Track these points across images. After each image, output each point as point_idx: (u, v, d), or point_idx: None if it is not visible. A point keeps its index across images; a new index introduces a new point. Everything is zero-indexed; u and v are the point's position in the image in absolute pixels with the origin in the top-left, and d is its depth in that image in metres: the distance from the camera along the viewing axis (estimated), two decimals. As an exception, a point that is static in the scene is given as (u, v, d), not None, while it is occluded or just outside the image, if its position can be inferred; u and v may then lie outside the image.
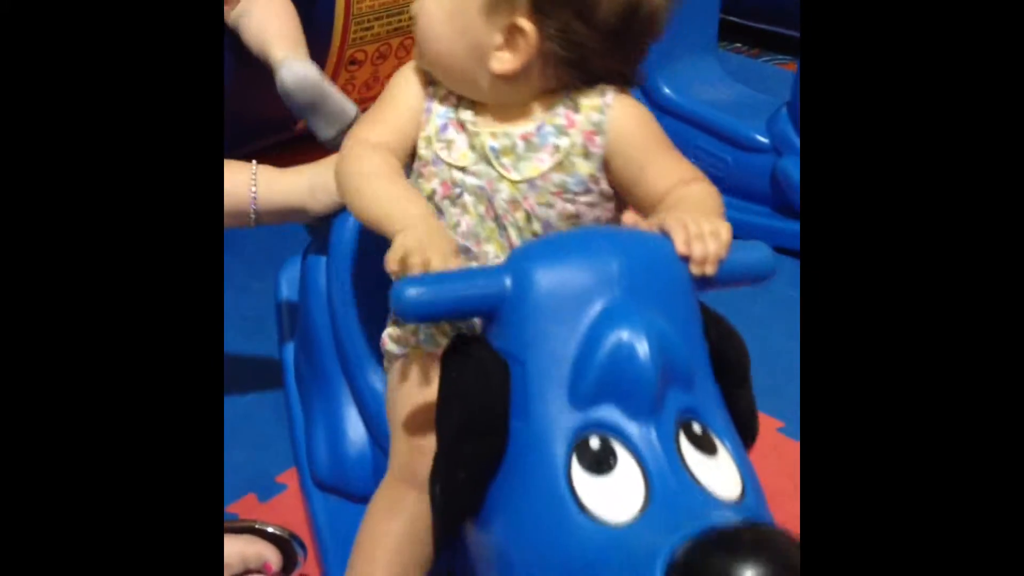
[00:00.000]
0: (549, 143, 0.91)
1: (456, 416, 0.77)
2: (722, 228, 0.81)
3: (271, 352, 1.36)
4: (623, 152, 0.91)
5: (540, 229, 0.91)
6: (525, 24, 0.87)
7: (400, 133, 0.94)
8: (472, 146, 0.92)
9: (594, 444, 0.74)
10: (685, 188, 0.89)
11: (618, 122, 0.91)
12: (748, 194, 1.83)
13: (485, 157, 0.91)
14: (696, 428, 0.76)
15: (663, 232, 0.81)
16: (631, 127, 0.92)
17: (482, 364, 0.77)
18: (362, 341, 1.09)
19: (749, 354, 0.82)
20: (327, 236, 1.14)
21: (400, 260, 0.80)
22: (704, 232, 0.80)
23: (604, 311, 0.75)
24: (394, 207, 0.87)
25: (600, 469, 0.73)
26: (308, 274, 1.16)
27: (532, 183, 0.90)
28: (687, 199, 0.88)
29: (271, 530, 1.05)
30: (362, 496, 1.12)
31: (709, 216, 0.82)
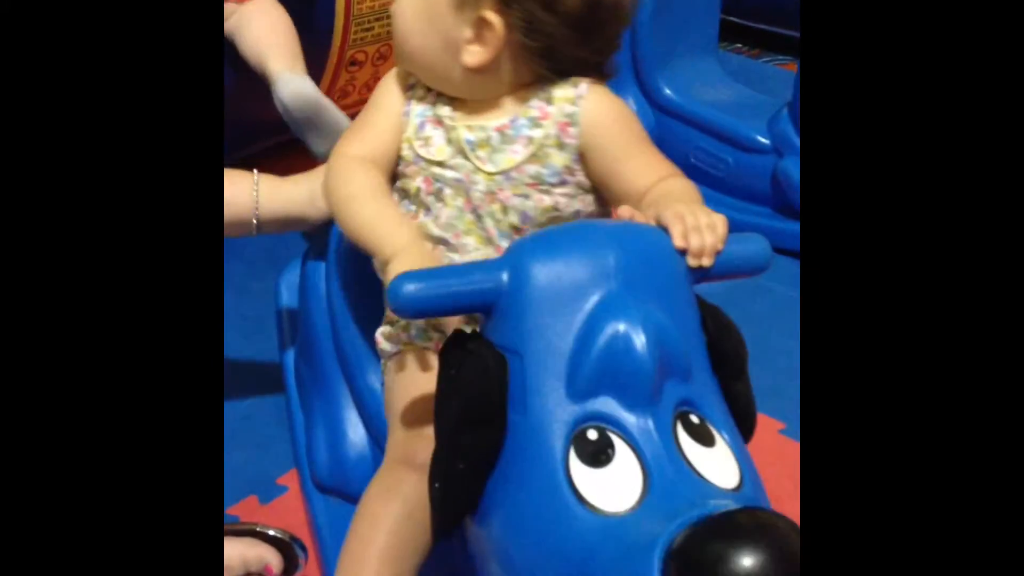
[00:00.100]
0: (523, 135, 0.92)
1: (455, 409, 0.77)
2: (718, 220, 0.82)
3: (271, 354, 1.36)
4: (598, 143, 0.92)
5: (517, 221, 0.92)
6: (492, 16, 0.89)
7: (382, 142, 0.96)
8: (449, 140, 0.94)
9: (592, 436, 0.74)
10: (665, 183, 0.90)
11: (591, 113, 0.92)
12: (749, 195, 1.83)
13: (461, 150, 0.93)
14: (694, 419, 0.76)
15: (659, 224, 0.81)
16: (605, 118, 0.92)
17: (480, 358, 0.77)
18: (362, 343, 1.09)
19: (746, 346, 0.82)
20: (326, 240, 1.14)
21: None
22: (701, 224, 0.80)
23: (601, 303, 0.75)
24: (378, 230, 0.90)
25: (598, 461, 0.73)
26: (308, 277, 1.17)
27: (507, 175, 0.91)
28: (671, 193, 0.88)
29: (272, 532, 1.05)
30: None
31: (706, 208, 0.83)
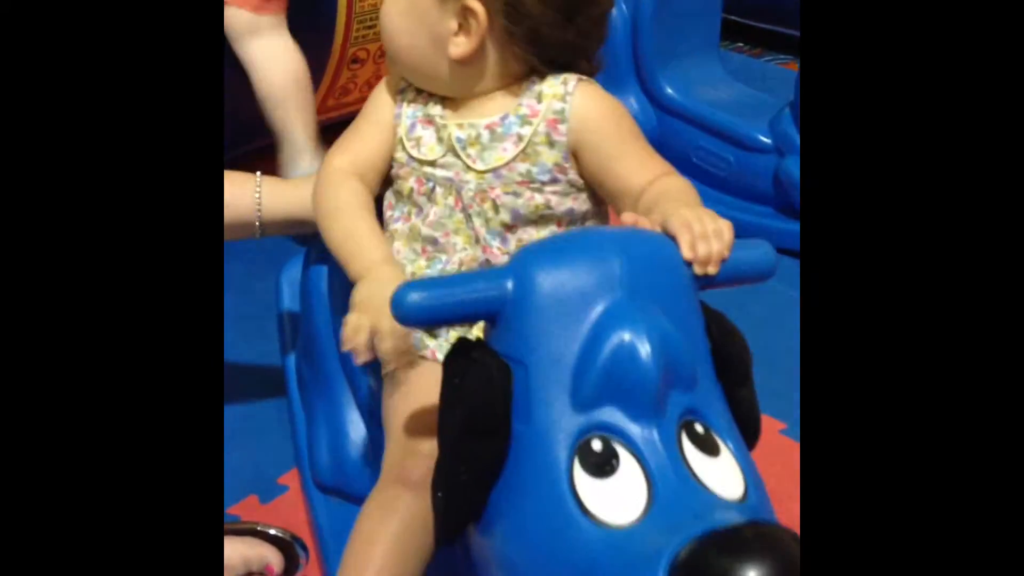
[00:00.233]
0: (513, 132, 0.92)
1: (458, 419, 0.77)
2: (724, 227, 0.81)
3: (272, 354, 1.36)
4: (588, 140, 0.91)
5: (508, 219, 0.92)
6: (474, 4, 0.89)
7: (369, 152, 0.97)
8: (440, 139, 0.94)
9: (596, 446, 0.73)
10: (661, 182, 0.90)
11: (581, 109, 0.92)
12: (751, 195, 1.83)
13: (452, 148, 0.93)
14: (698, 428, 0.75)
15: (665, 231, 0.81)
16: (594, 114, 0.92)
17: (484, 367, 0.76)
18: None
19: (751, 352, 0.82)
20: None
21: (349, 339, 0.87)
22: (708, 231, 0.80)
23: (605, 312, 0.75)
24: (351, 248, 0.92)
25: (602, 471, 0.73)
26: (309, 276, 1.16)
27: (497, 173, 0.91)
28: (668, 192, 0.88)
29: (273, 532, 1.05)
30: (363, 498, 1.12)
31: (712, 214, 0.82)
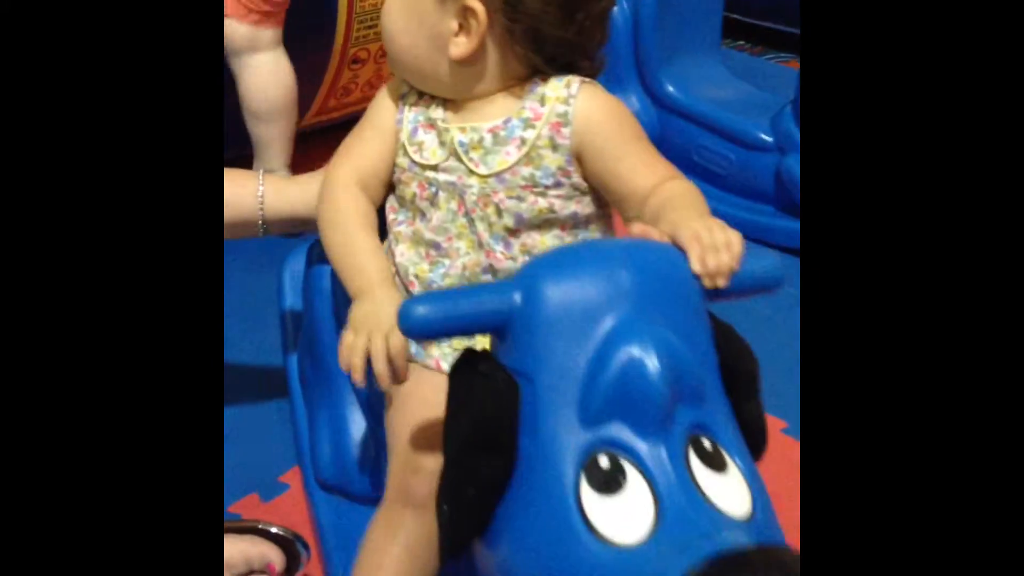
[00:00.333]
0: (516, 136, 0.91)
1: (464, 433, 0.76)
2: (734, 238, 0.80)
3: (273, 351, 1.35)
4: (592, 143, 0.91)
5: (512, 223, 0.91)
6: (474, 3, 0.88)
7: (372, 159, 0.96)
8: (442, 143, 0.93)
9: (603, 463, 0.72)
10: (667, 187, 0.89)
11: (584, 112, 0.91)
12: (752, 193, 1.82)
13: (455, 152, 0.92)
14: (706, 443, 0.75)
15: (674, 242, 0.80)
16: (598, 117, 0.91)
17: (490, 381, 0.76)
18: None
19: (759, 363, 0.81)
20: None
21: (345, 360, 0.89)
22: (718, 243, 0.79)
23: (614, 327, 0.74)
24: (352, 266, 0.93)
25: (609, 489, 0.72)
26: (312, 273, 1.16)
27: (500, 177, 0.91)
28: (674, 199, 0.87)
29: (274, 530, 1.05)
30: (365, 497, 1.12)
31: (721, 224, 0.81)
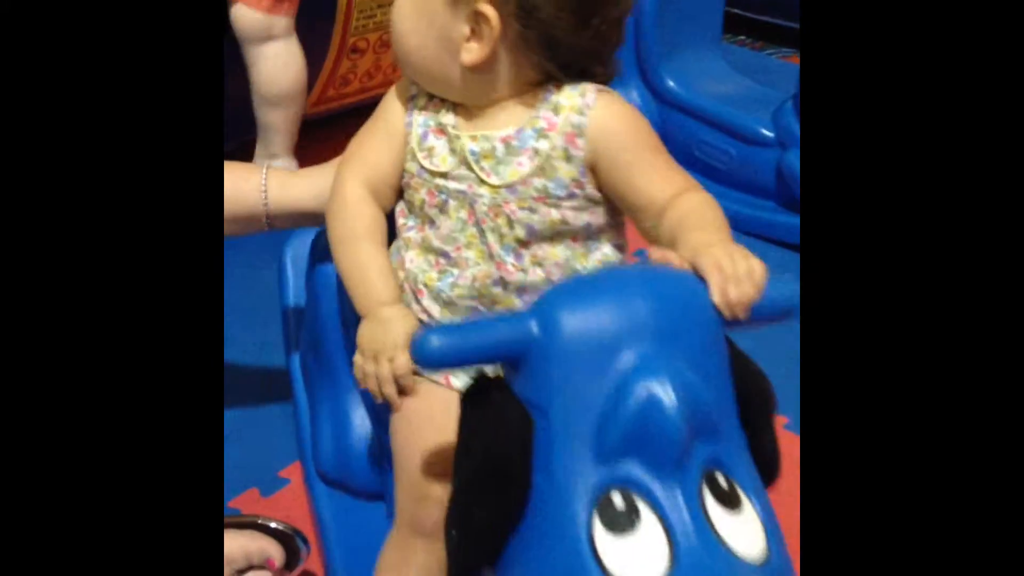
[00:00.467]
0: (529, 146, 0.88)
1: (476, 465, 0.75)
2: (757, 267, 0.78)
3: (273, 346, 1.34)
4: (607, 155, 0.88)
5: (523, 235, 0.89)
6: (486, 8, 0.85)
7: (381, 165, 0.95)
8: (453, 150, 0.91)
9: (617, 502, 0.71)
10: (685, 199, 0.87)
11: (600, 123, 0.88)
12: (753, 188, 1.82)
13: (465, 161, 0.90)
14: (721, 480, 0.74)
15: (695, 268, 0.78)
16: (615, 128, 0.89)
17: (504, 413, 0.74)
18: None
19: (775, 392, 0.80)
20: None
21: (360, 383, 0.90)
22: (740, 273, 0.77)
23: (632, 363, 0.72)
24: (361, 282, 0.93)
25: (623, 528, 0.71)
26: (316, 264, 1.15)
27: (512, 188, 0.88)
28: (692, 215, 0.85)
29: (274, 525, 1.05)
30: (367, 491, 1.11)
31: (744, 252, 0.79)
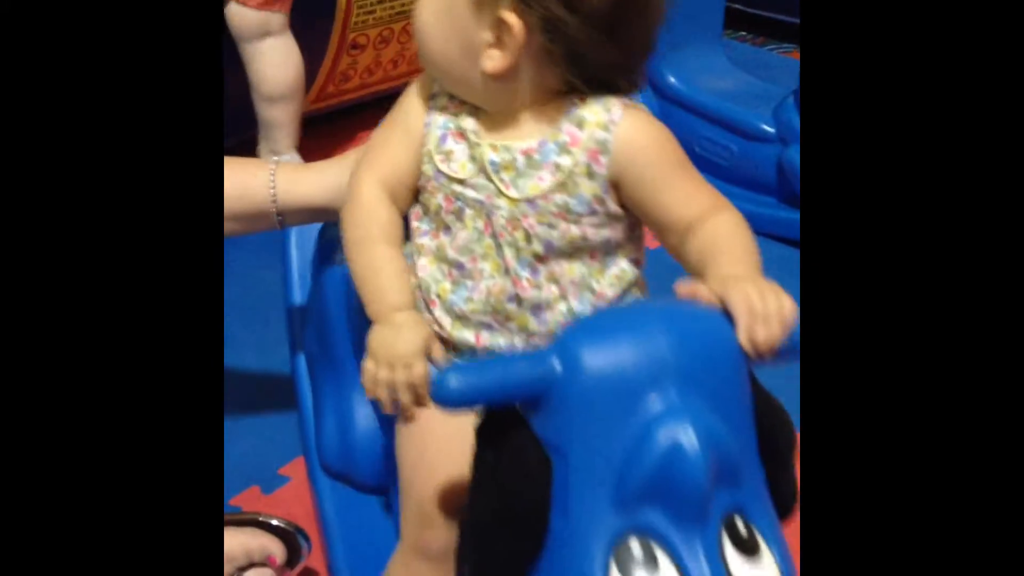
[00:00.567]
0: (550, 161, 0.86)
1: (494, 507, 0.74)
2: (787, 305, 0.76)
3: (274, 343, 1.33)
4: (633, 171, 0.86)
5: (541, 250, 0.87)
6: (510, 18, 0.83)
7: (399, 165, 0.92)
8: (472, 157, 0.89)
9: (635, 549, 0.70)
10: (713, 222, 0.85)
11: (625, 141, 0.86)
12: (754, 184, 1.82)
13: (484, 170, 0.88)
14: (740, 526, 0.73)
15: (723, 303, 0.76)
16: (641, 144, 0.87)
17: (522, 454, 0.73)
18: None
19: (794, 430, 0.78)
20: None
21: (370, 392, 0.85)
22: (770, 312, 0.75)
23: (655, 407, 0.71)
24: (374, 287, 0.90)
25: None
26: (323, 256, 1.14)
27: (532, 202, 0.87)
28: (721, 242, 0.84)
29: (275, 523, 1.05)
30: (370, 486, 1.11)
31: (775, 289, 0.77)
